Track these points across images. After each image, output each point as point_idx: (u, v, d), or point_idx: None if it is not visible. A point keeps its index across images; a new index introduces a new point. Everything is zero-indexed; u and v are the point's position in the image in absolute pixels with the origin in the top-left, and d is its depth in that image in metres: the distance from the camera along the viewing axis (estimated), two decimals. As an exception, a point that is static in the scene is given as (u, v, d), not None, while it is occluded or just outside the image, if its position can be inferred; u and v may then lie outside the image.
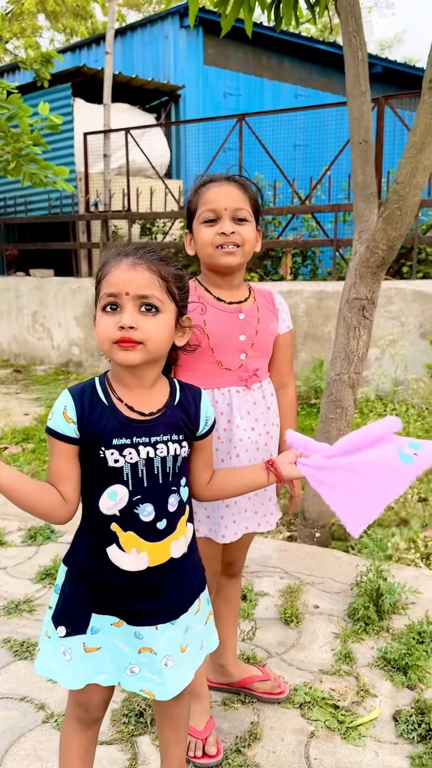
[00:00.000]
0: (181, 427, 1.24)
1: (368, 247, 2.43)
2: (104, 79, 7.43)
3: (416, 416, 4.72)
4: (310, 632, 2.15)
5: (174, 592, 1.26)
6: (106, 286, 1.15)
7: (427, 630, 2.07)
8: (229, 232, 1.47)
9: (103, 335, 1.15)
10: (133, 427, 1.19)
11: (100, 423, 1.17)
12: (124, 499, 1.19)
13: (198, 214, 1.51)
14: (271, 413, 1.60)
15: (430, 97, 2.11)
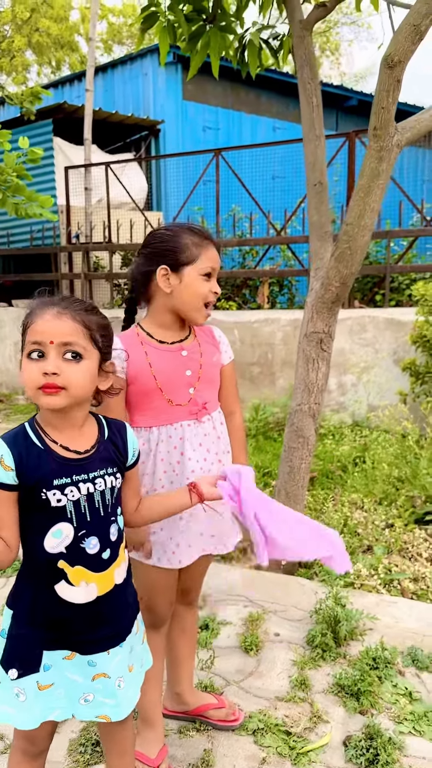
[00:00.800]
0: (114, 460, 1.32)
1: (323, 284, 2.54)
2: (85, 115, 7.62)
3: (389, 443, 4.80)
4: (269, 660, 2.20)
5: (119, 617, 1.33)
6: (31, 334, 1.21)
7: (381, 656, 2.12)
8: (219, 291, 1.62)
9: (29, 381, 1.21)
10: (71, 466, 1.25)
11: (39, 466, 1.22)
12: (70, 535, 1.25)
13: (199, 266, 1.58)
14: (221, 442, 1.68)
15: (375, 144, 2.23)
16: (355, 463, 4.30)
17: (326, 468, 4.35)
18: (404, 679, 2.07)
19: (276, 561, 2.73)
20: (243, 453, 1.78)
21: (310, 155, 2.71)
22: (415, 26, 2.05)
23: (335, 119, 11.07)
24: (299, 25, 2.86)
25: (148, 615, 1.67)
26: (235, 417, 1.78)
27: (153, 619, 1.69)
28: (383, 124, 2.18)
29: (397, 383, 5.45)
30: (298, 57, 2.86)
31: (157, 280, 1.58)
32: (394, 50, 2.09)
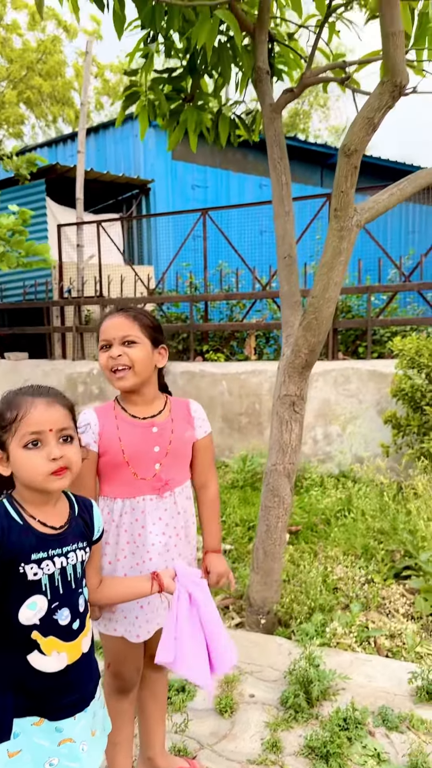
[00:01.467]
0: (84, 534, 1.42)
1: (293, 350, 2.67)
2: (77, 176, 7.92)
3: (372, 495, 4.87)
4: (243, 722, 2.23)
5: (85, 683, 1.40)
6: (26, 425, 1.31)
7: (351, 716, 2.17)
8: (116, 355, 1.68)
9: (37, 469, 1.30)
10: (48, 541, 1.34)
11: (19, 541, 1.31)
12: (44, 607, 1.33)
13: (99, 343, 1.72)
14: (180, 518, 1.77)
15: (336, 224, 2.40)
16: (337, 516, 4.37)
17: (310, 521, 4.42)
18: (374, 739, 2.11)
19: (255, 620, 2.78)
20: (215, 525, 1.87)
21: (280, 229, 2.89)
22: (368, 119, 2.24)
23: (320, 176, 11.49)
24: (269, 108, 3.07)
25: (117, 681, 1.74)
26: (209, 489, 1.88)
27: (121, 685, 1.75)
28: (343, 207, 2.35)
29: (380, 434, 5.55)
30: (268, 137, 3.06)
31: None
32: (350, 140, 2.28)
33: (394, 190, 2.47)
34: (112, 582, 1.55)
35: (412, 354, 4.88)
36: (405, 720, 2.20)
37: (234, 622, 3.12)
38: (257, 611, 2.93)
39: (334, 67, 3.06)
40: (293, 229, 2.89)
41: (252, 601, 2.95)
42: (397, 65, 2.13)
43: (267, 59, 3.13)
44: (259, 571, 2.90)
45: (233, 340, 7.40)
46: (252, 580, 2.94)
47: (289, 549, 3.85)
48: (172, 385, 6.79)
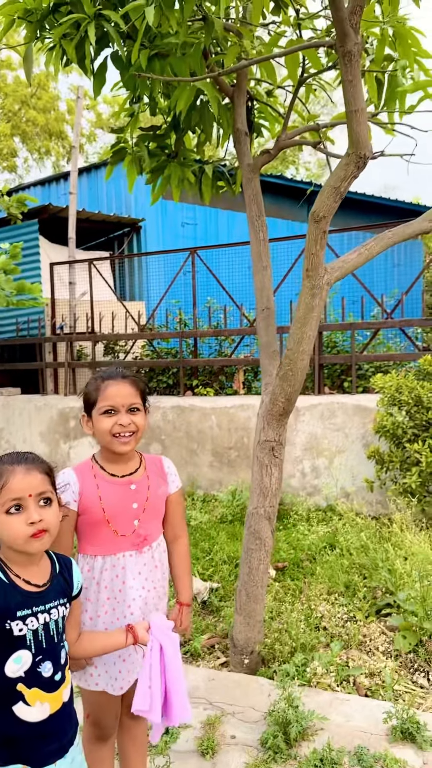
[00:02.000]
0: (65, 591, 1.53)
1: (271, 399, 2.80)
2: (69, 216, 8.14)
3: (357, 530, 4.97)
4: (224, 763, 2.31)
5: (65, 731, 1.50)
6: (7, 492, 1.43)
7: (327, 757, 2.25)
8: (127, 423, 1.81)
9: (18, 533, 1.42)
10: (32, 598, 1.45)
11: (6, 599, 1.41)
12: (29, 661, 1.43)
13: (98, 406, 1.84)
14: (158, 571, 1.88)
15: (308, 283, 2.55)
16: (322, 553, 4.45)
17: (297, 557, 4.50)
18: (349, 780, 2.19)
19: (240, 660, 2.86)
20: (185, 576, 1.98)
21: (258, 282, 3.04)
22: (335, 188, 2.41)
23: (307, 213, 11.79)
24: (247, 168, 3.25)
25: (96, 729, 1.83)
26: (181, 542, 1.99)
27: (100, 732, 1.84)
28: (314, 267, 2.50)
29: (366, 467, 5.67)
30: (246, 196, 3.24)
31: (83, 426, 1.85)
32: (318, 207, 2.44)
33: (362, 250, 2.63)
34: (89, 636, 1.66)
35: (392, 392, 5.03)
36: (380, 760, 2.28)
37: (219, 662, 3.20)
38: (241, 651, 3.01)
39: (308, 129, 3.25)
40: (270, 282, 3.05)
41: (236, 641, 3.04)
42: (360, 139, 2.30)
43: (245, 121, 3.32)
44: (242, 613, 2.99)
45: (222, 374, 7.54)
46: (235, 621, 3.03)
47: (275, 586, 3.93)
48: (162, 420, 6.93)
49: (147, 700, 1.57)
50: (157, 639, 1.62)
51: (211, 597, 3.84)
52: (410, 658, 3.07)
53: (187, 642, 3.31)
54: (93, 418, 1.84)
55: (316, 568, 4.15)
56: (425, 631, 3.11)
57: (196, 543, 4.88)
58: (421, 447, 4.71)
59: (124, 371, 1.91)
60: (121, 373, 1.89)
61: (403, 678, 2.91)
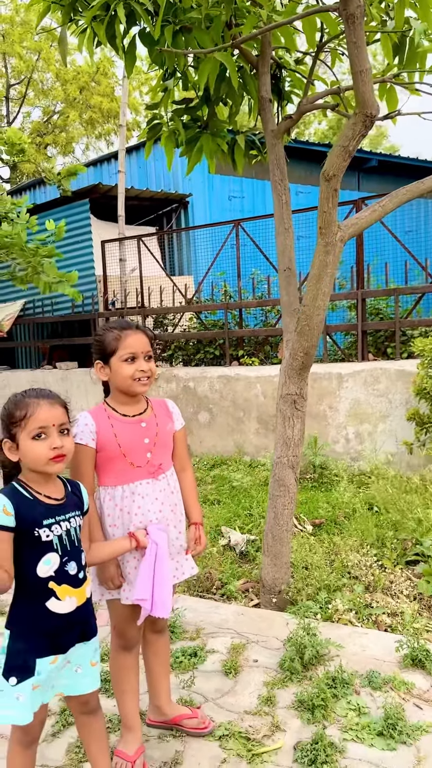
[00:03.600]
0: (78, 505, 1.80)
1: (291, 353, 2.96)
2: (118, 194, 8.41)
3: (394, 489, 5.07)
4: (245, 682, 2.54)
5: (88, 621, 1.80)
6: (34, 422, 1.68)
7: (339, 677, 2.44)
8: (146, 368, 2.04)
9: (41, 456, 1.67)
10: (54, 509, 1.72)
11: (32, 511, 1.68)
12: (57, 562, 1.70)
13: (119, 354, 2.05)
14: (174, 496, 2.11)
15: (322, 240, 2.68)
16: (358, 510, 4.59)
17: (334, 514, 4.66)
18: (358, 697, 2.38)
19: (268, 599, 3.07)
20: (195, 501, 2.20)
21: (280, 245, 3.19)
22: (344, 147, 2.52)
23: (357, 180, 11.66)
24: (271, 134, 3.38)
25: (121, 640, 2.10)
26: (187, 472, 2.21)
27: (125, 642, 2.11)
28: (326, 225, 2.63)
29: (410, 431, 5.73)
30: (270, 161, 3.37)
31: (96, 371, 2.06)
32: (329, 166, 2.56)
33: (376, 206, 2.74)
34: (98, 545, 1.93)
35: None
36: (389, 682, 2.46)
37: (252, 603, 3.42)
38: (269, 591, 3.23)
39: (330, 93, 3.34)
40: (293, 244, 3.19)
41: (264, 581, 3.25)
42: (366, 98, 2.41)
43: (269, 89, 3.44)
44: (269, 554, 3.20)
45: (267, 344, 7.69)
46: (264, 562, 3.24)
47: (310, 540, 4.11)
48: (210, 390, 7.19)
49: (148, 590, 1.85)
50: (154, 540, 1.90)
51: (248, 547, 4.06)
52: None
53: (223, 585, 3.55)
54: (112, 365, 2.04)
55: (352, 524, 4.30)
56: (448, 576, 3.23)
57: (238, 502, 5.11)
58: (459, 408, 4.74)
59: (137, 323, 2.12)
60: (135, 324, 2.10)
61: (424, 617, 3.05)
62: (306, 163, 10.98)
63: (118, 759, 2.05)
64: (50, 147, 26.54)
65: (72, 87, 24.20)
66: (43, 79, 25.24)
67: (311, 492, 5.33)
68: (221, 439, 7.00)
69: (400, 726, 2.16)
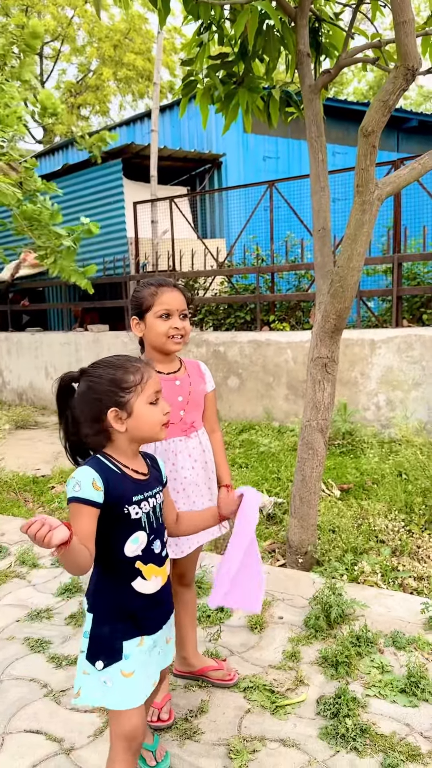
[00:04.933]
0: (160, 480, 1.73)
1: (323, 316, 2.93)
2: (150, 154, 8.30)
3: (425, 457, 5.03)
4: (270, 637, 2.59)
5: (168, 599, 1.74)
6: (150, 387, 1.61)
7: (363, 636, 2.47)
8: (180, 326, 2.04)
9: (156, 421, 1.61)
10: (141, 485, 1.63)
11: (121, 487, 1.56)
12: (144, 540, 1.62)
13: (154, 310, 2.06)
14: (206, 453, 2.13)
15: (359, 198, 2.62)
16: (386, 475, 4.58)
17: (362, 480, 4.66)
18: (382, 656, 2.41)
19: (294, 560, 3.10)
20: (224, 462, 2.22)
21: (315, 204, 3.12)
22: (383, 102, 2.44)
23: (396, 140, 11.30)
24: (308, 89, 3.28)
25: None
26: (216, 434, 2.23)
27: None
28: (364, 182, 2.57)
29: (441, 399, 5.66)
30: (307, 117, 3.28)
31: (132, 327, 2.07)
32: (367, 122, 2.49)
33: (416, 164, 2.66)
34: (187, 517, 1.86)
35: (468, 319, 4.95)
36: (413, 642, 2.48)
37: (278, 564, 3.47)
38: (295, 551, 3.26)
39: (370, 47, 3.22)
40: (329, 203, 3.12)
41: (290, 542, 3.28)
42: (408, 51, 2.32)
43: (307, 42, 3.33)
44: (296, 516, 3.22)
45: (299, 309, 7.61)
46: (290, 523, 3.27)
47: (338, 504, 4.13)
48: (240, 355, 7.20)
49: (222, 589, 1.74)
50: (246, 515, 1.76)
51: (275, 510, 4.10)
52: (460, 567, 3.20)
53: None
54: (147, 321, 2.06)
55: (380, 490, 4.29)
56: None
57: (266, 466, 5.14)
58: None
59: (173, 281, 2.11)
60: (172, 282, 2.10)
61: (450, 583, 3.06)
62: (344, 122, 10.68)
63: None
64: (84, 107, 26.27)
65: (106, 44, 23.79)
66: (75, 36, 24.83)
67: (340, 458, 5.33)
68: (250, 404, 7.01)
69: (422, 684, 2.19)
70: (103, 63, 24.50)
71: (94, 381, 1.58)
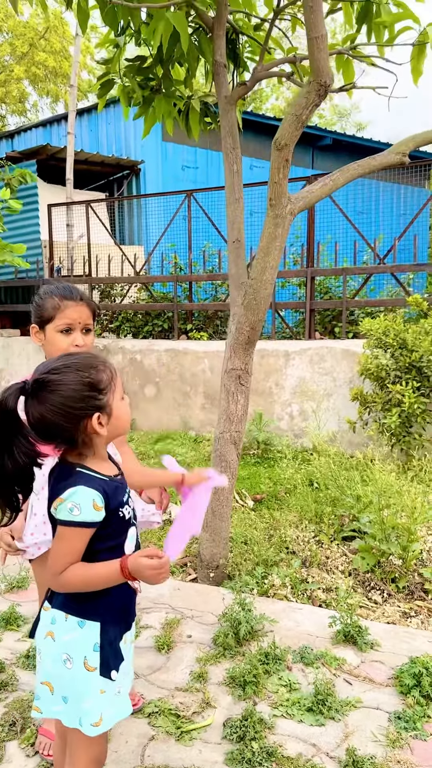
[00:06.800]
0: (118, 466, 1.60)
1: (237, 327, 2.91)
2: (67, 157, 8.09)
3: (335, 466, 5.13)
4: (178, 658, 2.51)
5: None
6: (118, 381, 1.51)
7: (272, 653, 2.44)
8: (81, 343, 1.93)
9: (129, 414, 1.53)
10: (123, 484, 1.53)
11: (114, 493, 1.45)
12: (134, 535, 1.54)
13: (55, 323, 1.95)
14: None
15: (271, 212, 2.62)
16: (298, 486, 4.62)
17: (275, 490, 4.68)
18: (290, 673, 2.39)
19: (206, 574, 3.04)
20: (146, 468, 2.15)
21: (230, 215, 3.10)
22: (297, 116, 2.45)
23: (311, 157, 11.60)
24: (225, 100, 3.26)
25: None
26: (128, 448, 2.13)
27: None
28: (277, 196, 2.56)
29: (352, 410, 5.80)
30: (222, 127, 3.26)
31: (32, 334, 1.96)
32: (281, 135, 2.49)
33: (327, 180, 2.68)
34: (141, 472, 1.85)
35: (379, 334, 5.11)
36: (321, 657, 2.48)
37: (190, 578, 3.40)
38: (207, 566, 3.21)
39: (285, 61, 3.25)
40: (242, 215, 3.11)
41: (202, 556, 3.23)
42: (321, 66, 2.33)
43: (224, 53, 3.31)
44: (208, 530, 3.17)
45: (217, 319, 7.62)
46: (202, 537, 3.21)
47: (251, 515, 4.12)
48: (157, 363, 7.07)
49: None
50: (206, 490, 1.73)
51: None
52: (368, 577, 3.26)
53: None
54: (47, 332, 1.94)
55: (292, 500, 4.32)
56: (383, 553, 3.28)
57: (180, 477, 5.06)
58: (403, 388, 4.81)
59: (80, 293, 2.01)
60: (78, 293, 1.99)
61: (359, 594, 3.10)
62: (261, 136, 10.86)
63: (42, 737, 1.99)
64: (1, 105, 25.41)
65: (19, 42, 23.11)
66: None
67: (254, 467, 5.34)
68: (167, 413, 6.94)
69: (329, 702, 2.18)
70: (18, 61, 23.79)
71: (65, 389, 1.41)
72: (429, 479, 4.52)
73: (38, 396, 1.41)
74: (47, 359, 1.98)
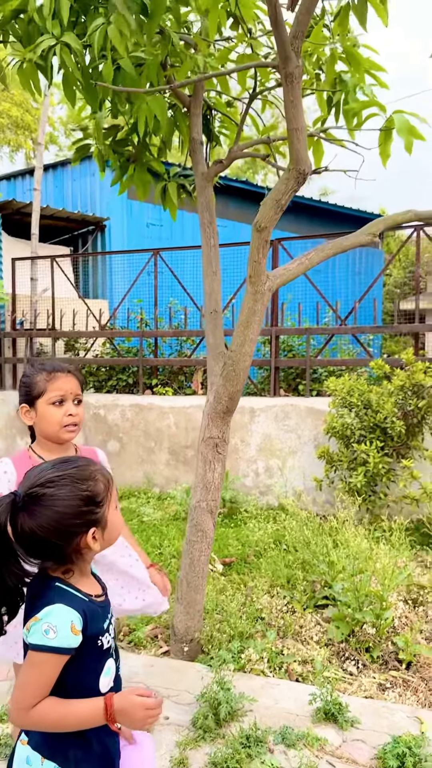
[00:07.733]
0: (105, 590, 1.48)
1: (215, 397, 2.94)
2: (32, 212, 8.17)
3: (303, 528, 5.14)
4: (157, 741, 2.43)
5: None
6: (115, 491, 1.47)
7: (253, 735, 2.39)
8: (75, 413, 1.94)
9: (119, 526, 1.46)
10: (105, 607, 1.39)
11: (95, 618, 1.32)
12: (113, 669, 1.39)
13: (47, 396, 1.94)
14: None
15: (251, 288, 2.69)
16: (268, 549, 4.61)
17: (244, 552, 4.65)
18: (272, 756, 2.33)
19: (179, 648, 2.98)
20: (138, 546, 2.14)
21: (207, 287, 3.18)
22: (276, 201, 2.56)
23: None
24: (201, 177, 3.38)
25: None
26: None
27: None
28: (256, 274, 2.65)
29: (317, 468, 5.86)
30: (200, 203, 3.36)
31: (21, 416, 1.95)
32: (261, 218, 2.59)
33: (303, 259, 2.79)
34: None
35: (343, 394, 5.23)
36: (302, 738, 2.43)
37: (161, 651, 3.32)
38: (181, 639, 3.14)
39: (260, 142, 3.40)
40: (219, 287, 3.19)
41: (176, 630, 3.16)
42: (300, 156, 2.46)
43: (201, 130, 3.45)
44: (183, 602, 3.12)
45: (182, 374, 7.66)
46: (176, 610, 3.15)
47: (221, 580, 4.07)
48: (121, 418, 7.01)
49: None
50: None
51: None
52: (342, 647, 3.24)
53: (131, 632, 3.42)
54: (38, 408, 1.93)
55: (262, 563, 4.30)
56: (357, 622, 3.28)
57: (147, 538, 4.99)
58: (368, 447, 4.91)
59: (66, 365, 2.02)
60: (66, 366, 2.01)
61: (334, 666, 3.08)
62: (224, 196, 11.19)
63: None
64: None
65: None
66: None
67: (221, 528, 5.31)
68: (131, 469, 6.87)
69: (315, 788, 2.13)
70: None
71: (60, 504, 1.29)
72: (396, 540, 4.58)
73: (30, 510, 1.29)
74: (39, 438, 1.97)
